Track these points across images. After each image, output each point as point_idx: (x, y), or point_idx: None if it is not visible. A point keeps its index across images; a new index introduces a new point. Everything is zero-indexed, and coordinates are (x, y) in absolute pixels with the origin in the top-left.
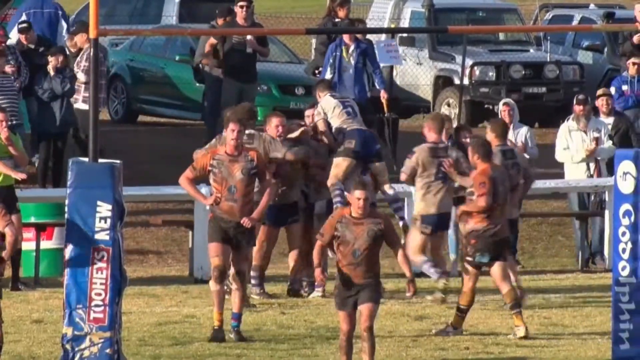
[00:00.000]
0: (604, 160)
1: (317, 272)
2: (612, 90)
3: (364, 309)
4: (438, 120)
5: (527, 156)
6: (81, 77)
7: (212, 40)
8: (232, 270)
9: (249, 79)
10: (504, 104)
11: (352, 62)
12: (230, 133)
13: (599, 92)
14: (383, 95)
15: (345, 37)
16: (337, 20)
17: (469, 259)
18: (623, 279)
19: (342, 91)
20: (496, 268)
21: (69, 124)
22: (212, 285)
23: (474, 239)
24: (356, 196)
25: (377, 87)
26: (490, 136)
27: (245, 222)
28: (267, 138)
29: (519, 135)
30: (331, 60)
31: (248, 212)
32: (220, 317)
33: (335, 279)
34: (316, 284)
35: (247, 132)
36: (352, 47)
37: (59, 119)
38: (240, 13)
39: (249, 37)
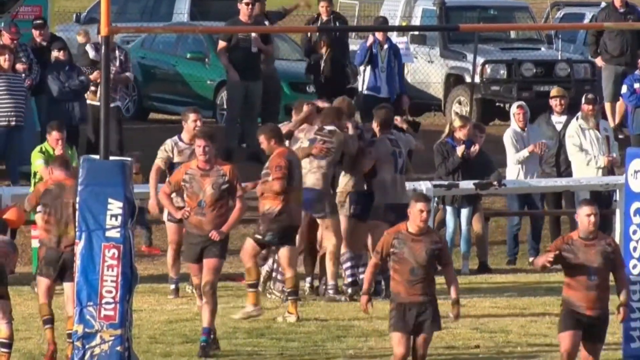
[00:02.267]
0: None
1: (364, 299)
2: (624, 88)
3: (420, 338)
4: None
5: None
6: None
7: (221, 45)
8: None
9: (253, 77)
10: (518, 106)
11: (386, 60)
12: (197, 149)
13: (553, 92)
14: (406, 100)
15: (379, 36)
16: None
17: (259, 237)
18: (634, 277)
19: (376, 89)
20: (284, 251)
21: (81, 120)
22: (198, 302)
23: (266, 219)
24: (418, 208)
25: (400, 90)
26: (374, 125)
27: (214, 235)
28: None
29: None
30: (365, 59)
31: (218, 225)
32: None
33: (391, 299)
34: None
35: (329, 128)
36: (385, 46)
37: (71, 115)
38: (244, 10)
39: (253, 35)
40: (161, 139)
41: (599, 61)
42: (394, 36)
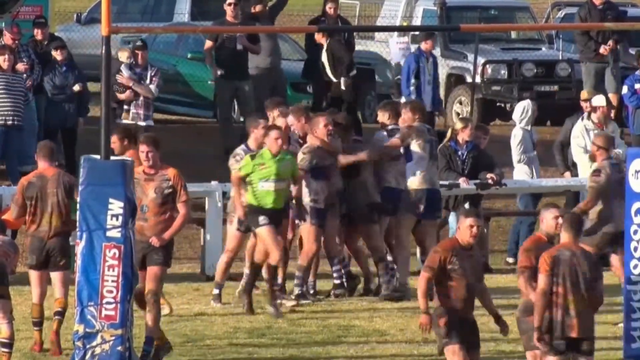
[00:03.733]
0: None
1: (425, 319)
2: (625, 88)
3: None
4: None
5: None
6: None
7: (208, 44)
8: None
9: (241, 76)
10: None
11: (432, 72)
12: (141, 154)
13: (583, 94)
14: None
15: (426, 47)
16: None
17: None
18: (635, 277)
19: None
20: None
21: (75, 118)
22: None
23: None
24: (469, 223)
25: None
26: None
27: (154, 241)
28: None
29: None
30: (414, 72)
31: (160, 231)
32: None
33: (443, 315)
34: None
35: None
36: (431, 58)
37: (66, 117)
38: (229, 11)
39: (238, 33)
40: (162, 139)
41: (582, 58)
42: (395, 36)
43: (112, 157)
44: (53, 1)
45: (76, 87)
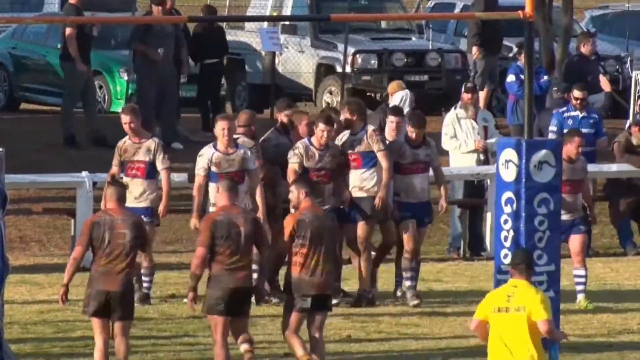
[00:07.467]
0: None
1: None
2: (512, 77)
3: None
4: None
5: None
6: None
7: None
8: None
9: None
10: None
11: None
12: None
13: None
14: None
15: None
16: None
17: None
18: (505, 267)
19: None
20: None
21: None
22: None
23: None
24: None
25: None
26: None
27: None
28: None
29: None
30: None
31: None
32: None
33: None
34: None
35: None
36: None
37: None
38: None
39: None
40: (32, 130)
41: (475, 51)
42: (264, 26)
43: None
44: None
45: None
